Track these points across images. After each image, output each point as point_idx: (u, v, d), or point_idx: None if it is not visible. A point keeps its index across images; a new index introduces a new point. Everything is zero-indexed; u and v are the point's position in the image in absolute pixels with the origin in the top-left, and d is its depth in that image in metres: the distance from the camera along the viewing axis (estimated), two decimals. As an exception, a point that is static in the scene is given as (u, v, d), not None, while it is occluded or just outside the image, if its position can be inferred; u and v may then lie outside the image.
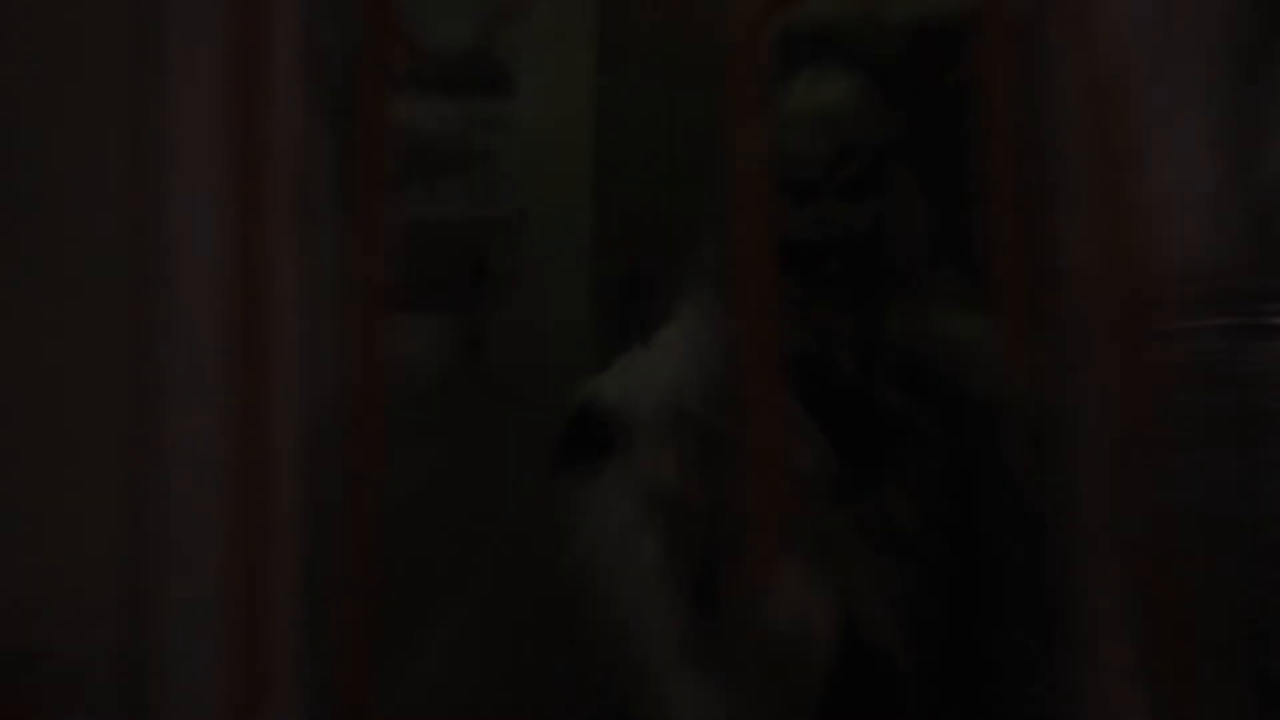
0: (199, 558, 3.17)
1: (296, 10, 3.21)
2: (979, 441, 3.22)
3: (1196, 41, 3.37)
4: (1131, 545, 3.21)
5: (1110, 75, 3.33)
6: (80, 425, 3.19)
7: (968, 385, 3.31)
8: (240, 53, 3.16)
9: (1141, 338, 3.29)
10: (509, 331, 5.03)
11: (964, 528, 3.27)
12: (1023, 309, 3.47)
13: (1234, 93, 3.39)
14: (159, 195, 3.16)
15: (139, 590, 3.17)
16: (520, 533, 4.79)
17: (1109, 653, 3.10)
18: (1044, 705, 2.95)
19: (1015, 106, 3.40)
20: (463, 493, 4.97)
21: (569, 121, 5.08)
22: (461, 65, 4.71)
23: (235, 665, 3.18)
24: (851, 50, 3.66)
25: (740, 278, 3.51)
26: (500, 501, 4.97)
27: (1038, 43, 3.51)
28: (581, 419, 3.28)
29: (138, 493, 3.17)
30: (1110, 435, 3.23)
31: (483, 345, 4.97)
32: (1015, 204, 3.43)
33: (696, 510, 3.25)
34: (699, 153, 3.55)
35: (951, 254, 3.27)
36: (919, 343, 3.35)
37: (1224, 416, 3.30)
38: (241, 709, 3.19)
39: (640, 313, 4.84)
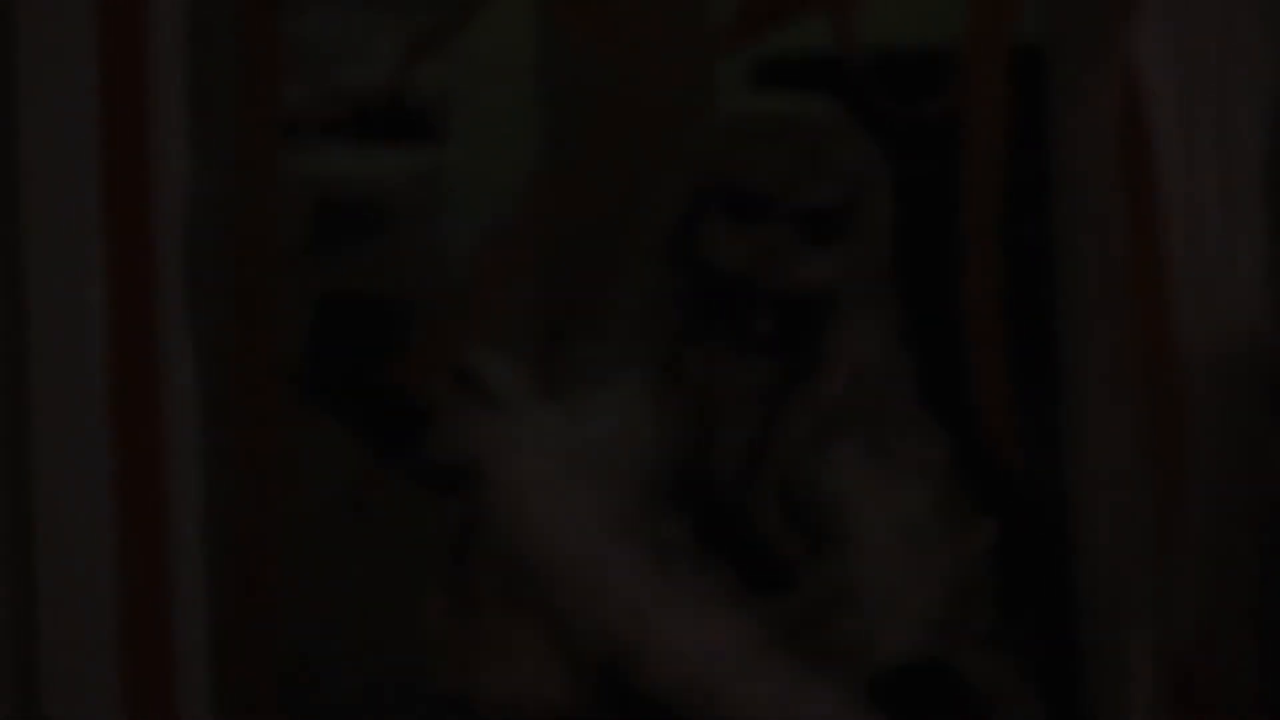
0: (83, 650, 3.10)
1: (177, 67, 3.13)
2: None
3: (1257, 92, 3.44)
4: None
5: (1140, 128, 3.33)
6: None
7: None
8: (119, 88, 3.08)
9: (1174, 422, 3.32)
10: None
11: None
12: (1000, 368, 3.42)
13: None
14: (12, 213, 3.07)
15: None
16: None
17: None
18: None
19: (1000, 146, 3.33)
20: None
21: (505, 174, 4.96)
22: (379, 109, 4.62)
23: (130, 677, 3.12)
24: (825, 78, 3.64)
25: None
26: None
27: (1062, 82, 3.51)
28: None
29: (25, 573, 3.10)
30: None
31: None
32: (996, 257, 3.36)
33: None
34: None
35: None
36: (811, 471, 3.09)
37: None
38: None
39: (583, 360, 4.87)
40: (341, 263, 4.83)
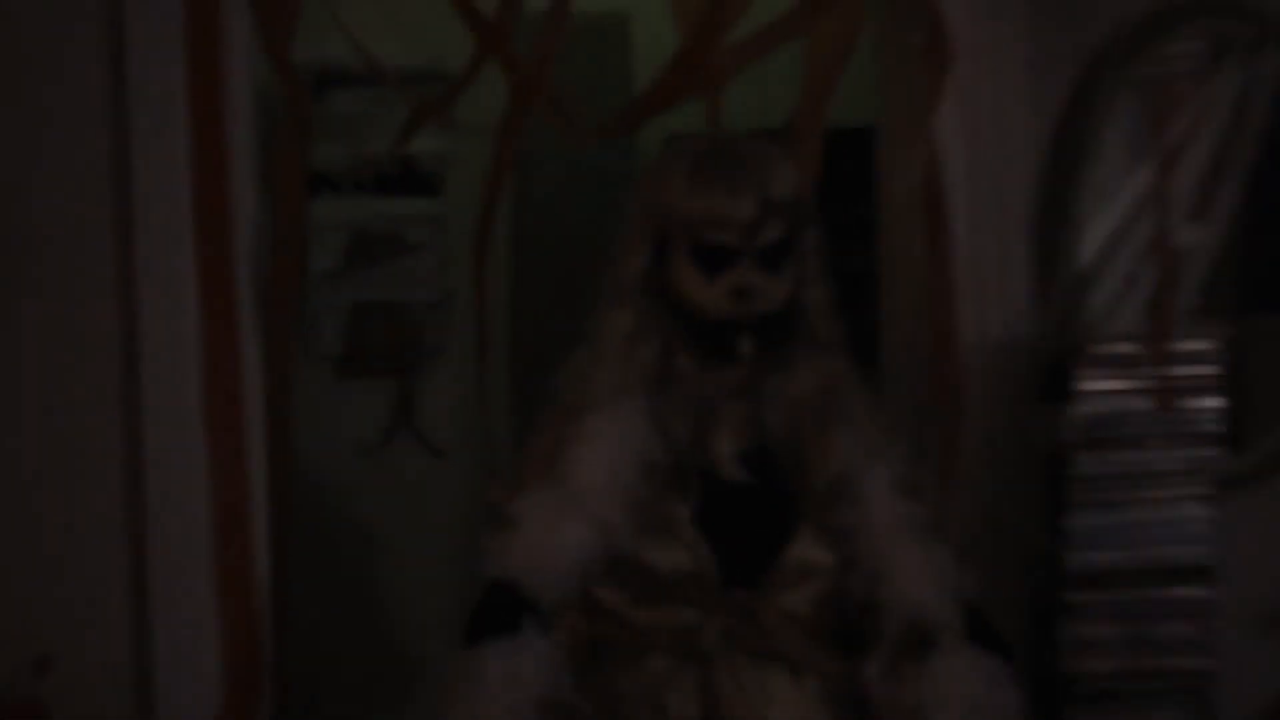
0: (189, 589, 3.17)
1: (249, 130, 3.25)
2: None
3: (1022, 160, 3.55)
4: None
5: (939, 186, 3.43)
6: (63, 474, 3.18)
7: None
8: (204, 150, 3.17)
9: (954, 392, 3.44)
10: (438, 396, 5.03)
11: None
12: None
13: (1048, 202, 3.55)
14: (128, 249, 3.17)
15: (139, 604, 3.18)
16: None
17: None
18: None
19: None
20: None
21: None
22: (393, 170, 4.75)
23: (224, 666, 3.17)
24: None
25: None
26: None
27: (879, 156, 3.63)
28: (490, 598, 2.67)
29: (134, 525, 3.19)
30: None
31: (414, 407, 4.97)
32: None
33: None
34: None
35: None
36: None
37: (1032, 464, 3.46)
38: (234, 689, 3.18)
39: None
40: (369, 279, 4.90)
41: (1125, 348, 3.37)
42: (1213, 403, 3.37)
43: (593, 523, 2.67)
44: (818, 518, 2.71)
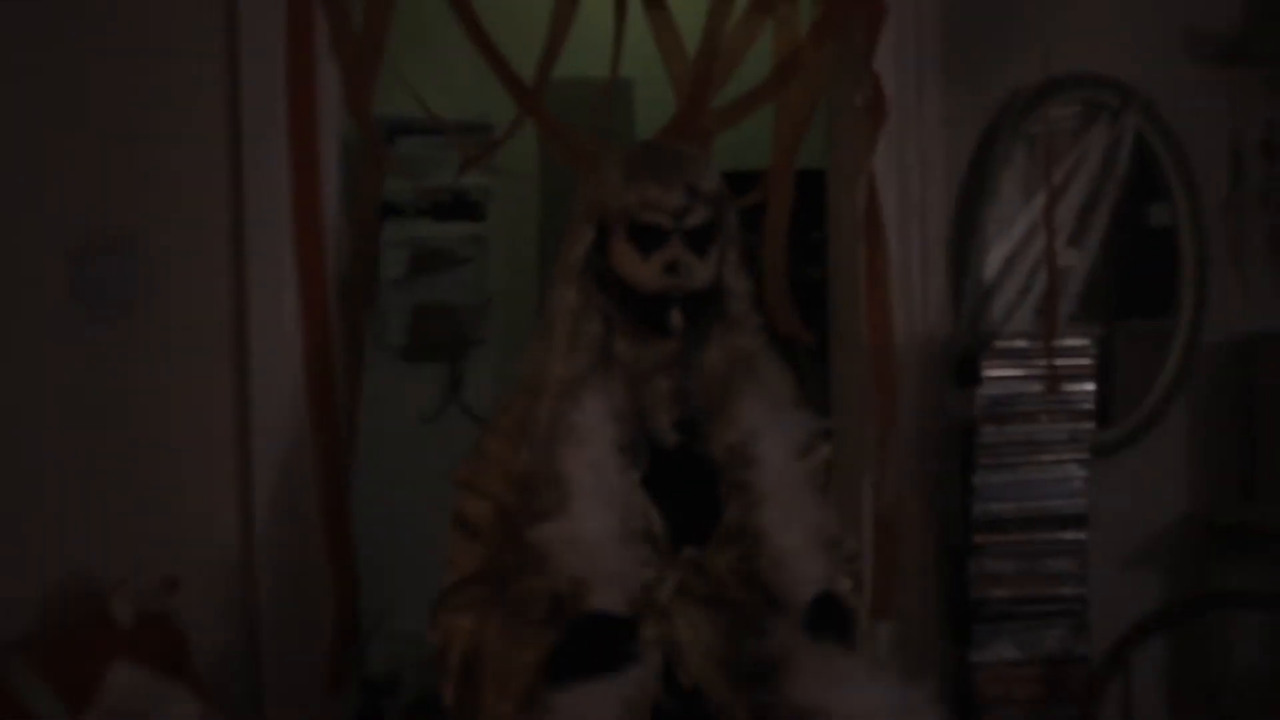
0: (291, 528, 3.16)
1: (336, 173, 3.23)
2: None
3: (941, 195, 3.53)
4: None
5: (876, 214, 3.39)
6: (192, 436, 3.17)
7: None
8: (303, 187, 3.16)
9: (890, 379, 3.40)
10: (482, 378, 5.03)
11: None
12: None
13: (960, 228, 3.53)
14: (240, 262, 3.17)
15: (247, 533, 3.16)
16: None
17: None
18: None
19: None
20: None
21: (522, 239, 5.09)
22: (447, 200, 4.80)
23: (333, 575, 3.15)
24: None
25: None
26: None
27: (830, 191, 3.58)
28: (589, 630, 2.37)
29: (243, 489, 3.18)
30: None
31: (463, 386, 5.00)
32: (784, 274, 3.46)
33: None
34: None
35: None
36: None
37: (948, 433, 3.45)
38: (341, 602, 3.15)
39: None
40: (427, 286, 4.93)
41: (1020, 343, 3.38)
42: (1088, 387, 3.40)
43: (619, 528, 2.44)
44: (726, 478, 2.57)
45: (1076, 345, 3.43)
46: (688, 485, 2.58)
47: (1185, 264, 3.68)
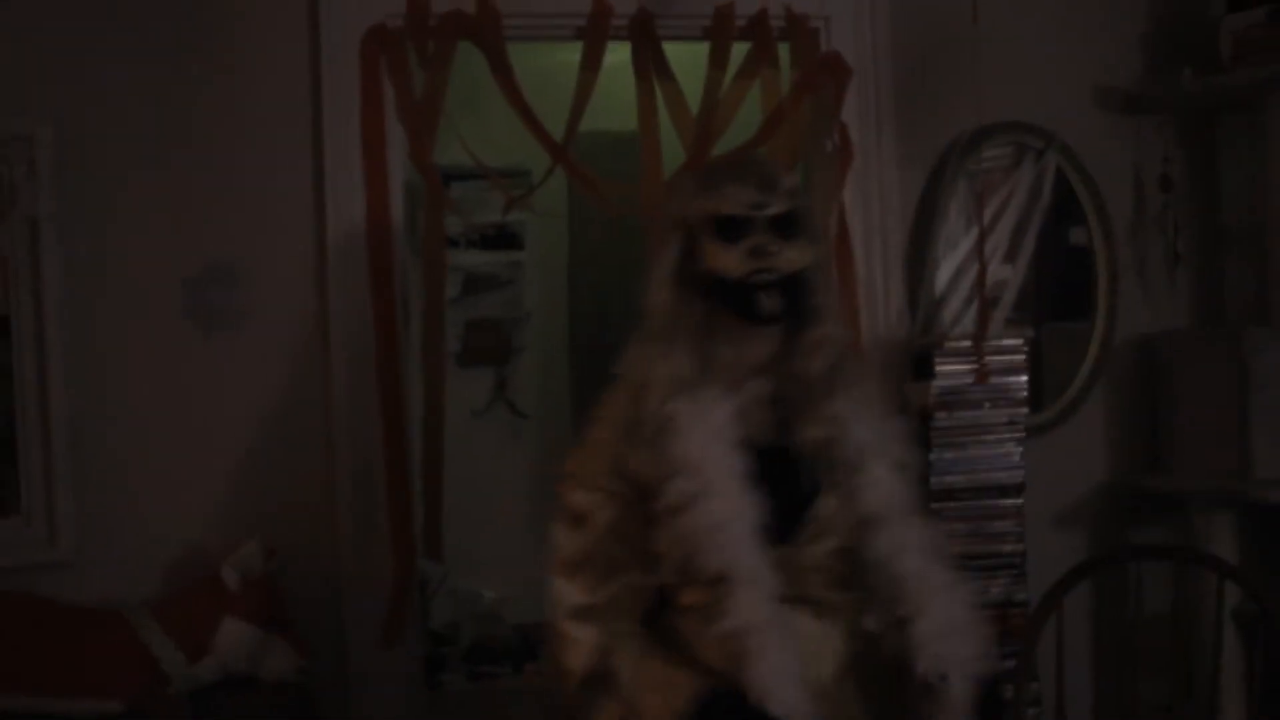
0: (366, 507, 3.15)
1: (401, 212, 3.23)
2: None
3: (898, 221, 3.48)
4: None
5: (846, 237, 3.37)
6: (287, 432, 3.16)
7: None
8: (375, 223, 3.16)
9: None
10: (523, 379, 5.05)
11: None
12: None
13: (915, 248, 3.47)
14: (324, 288, 3.17)
15: (333, 513, 3.16)
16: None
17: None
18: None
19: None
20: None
21: (553, 264, 5.09)
22: (492, 233, 4.80)
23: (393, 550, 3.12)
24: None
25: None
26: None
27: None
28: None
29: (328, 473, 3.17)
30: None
31: (507, 385, 5.01)
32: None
33: None
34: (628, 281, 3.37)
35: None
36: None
37: (907, 419, 3.32)
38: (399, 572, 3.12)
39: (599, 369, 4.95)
40: (477, 304, 4.95)
41: (966, 343, 3.34)
42: (1022, 379, 3.37)
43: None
44: (826, 479, 2.23)
45: (1012, 344, 3.40)
46: (779, 484, 2.20)
47: (1099, 276, 3.66)
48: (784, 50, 3.41)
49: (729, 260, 2.21)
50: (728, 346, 2.25)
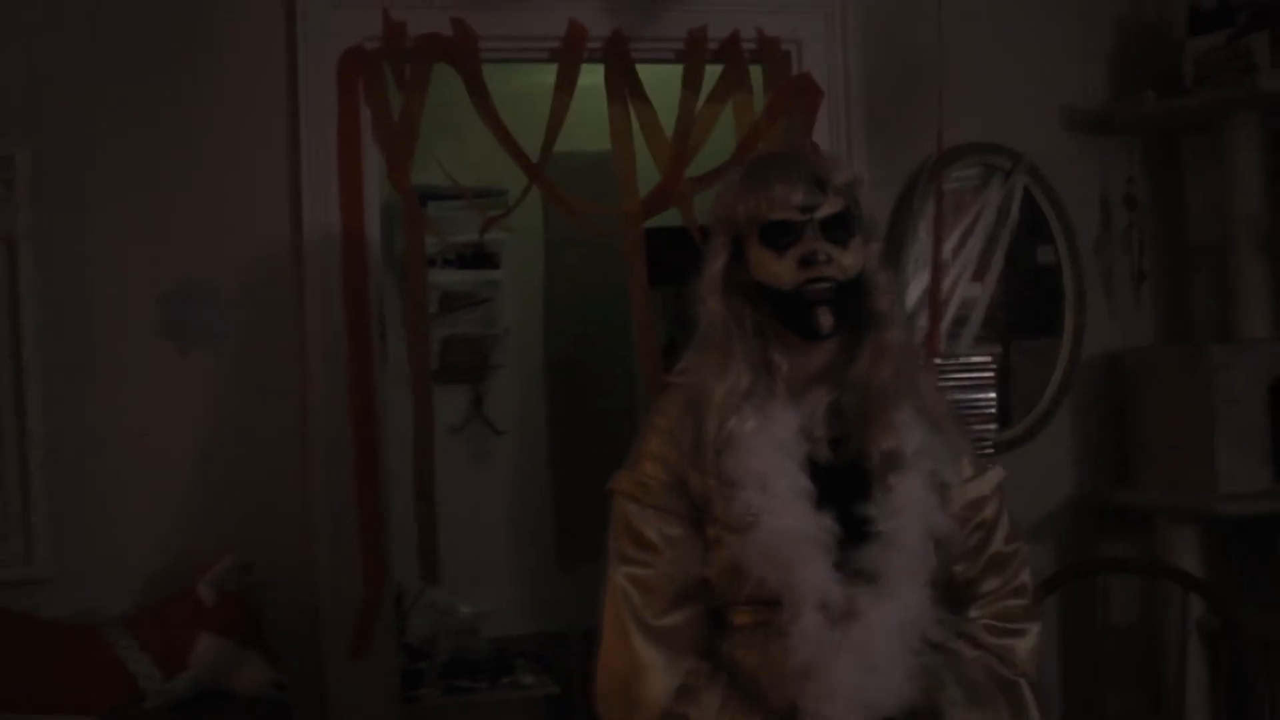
0: (340, 523, 3.13)
1: (377, 232, 3.22)
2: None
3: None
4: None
5: None
6: (262, 448, 3.15)
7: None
8: (351, 242, 3.14)
9: None
10: (499, 396, 5.02)
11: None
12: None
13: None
14: (301, 306, 3.14)
15: (308, 528, 3.14)
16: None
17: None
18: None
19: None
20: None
21: (530, 282, 5.08)
22: (469, 252, 4.76)
23: (363, 566, 3.12)
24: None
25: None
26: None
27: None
28: None
29: (303, 489, 3.15)
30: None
31: (483, 402, 4.99)
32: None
33: None
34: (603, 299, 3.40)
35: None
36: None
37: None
38: (370, 586, 3.11)
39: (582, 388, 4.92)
40: (454, 320, 4.92)
41: (936, 360, 3.29)
42: (990, 395, 3.33)
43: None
44: (878, 488, 2.02)
45: (980, 361, 3.36)
46: (842, 495, 2.01)
47: (1066, 294, 3.68)
48: (756, 72, 3.42)
49: (778, 270, 2.03)
50: (785, 355, 2.07)
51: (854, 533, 2.00)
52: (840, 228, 2.02)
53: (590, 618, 2.19)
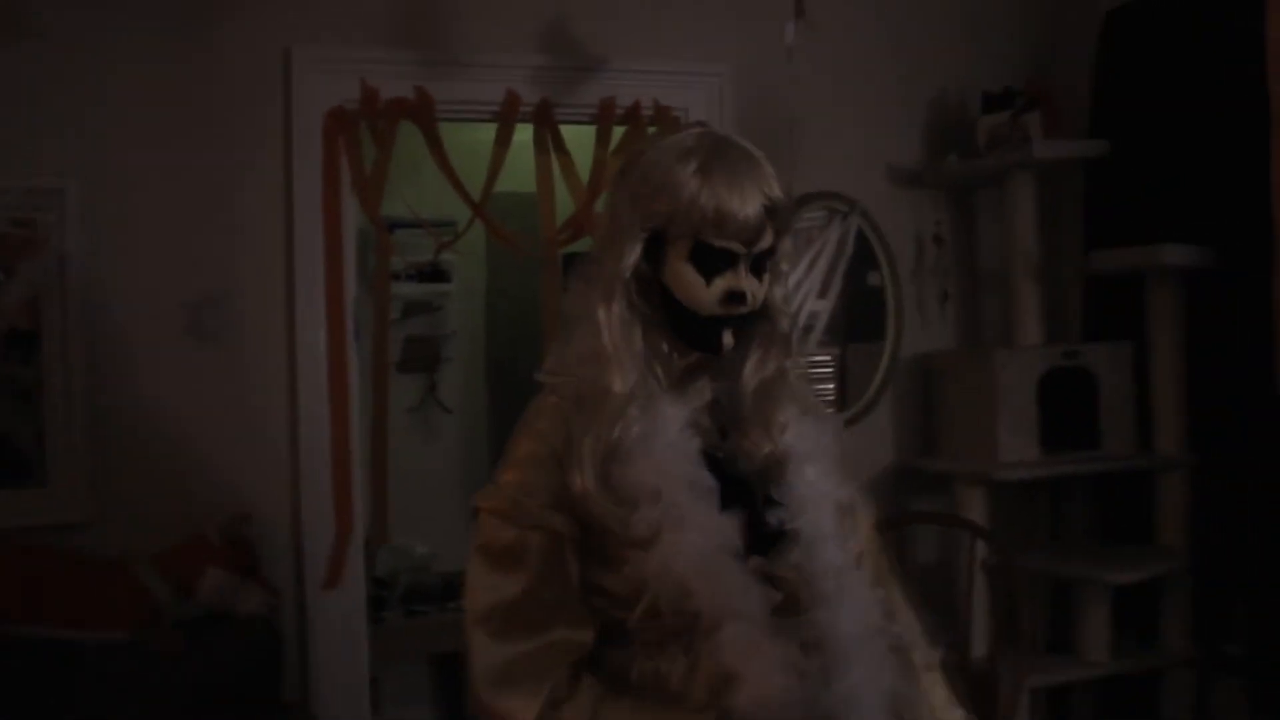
0: (319, 483, 3.12)
1: (353, 253, 3.18)
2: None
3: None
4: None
5: None
6: (260, 424, 3.13)
7: None
8: (331, 262, 3.12)
9: None
10: (449, 383, 4.94)
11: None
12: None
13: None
14: (292, 312, 3.13)
15: (295, 487, 3.13)
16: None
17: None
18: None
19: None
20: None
21: (474, 294, 4.99)
22: (426, 269, 4.68)
23: (336, 517, 3.10)
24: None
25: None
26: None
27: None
28: None
29: (292, 454, 3.13)
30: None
31: (437, 388, 4.90)
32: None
33: None
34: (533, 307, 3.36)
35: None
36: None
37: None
38: (341, 533, 3.09)
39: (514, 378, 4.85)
40: (414, 324, 4.80)
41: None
42: (831, 385, 3.42)
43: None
44: (764, 489, 1.57)
45: (823, 359, 3.47)
46: (734, 493, 1.55)
47: (889, 309, 3.68)
48: (653, 133, 3.36)
49: (699, 295, 1.53)
50: (668, 346, 1.58)
51: (761, 532, 1.55)
52: (765, 260, 1.56)
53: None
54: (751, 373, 1.61)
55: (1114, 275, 3.48)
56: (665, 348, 1.57)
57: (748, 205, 1.50)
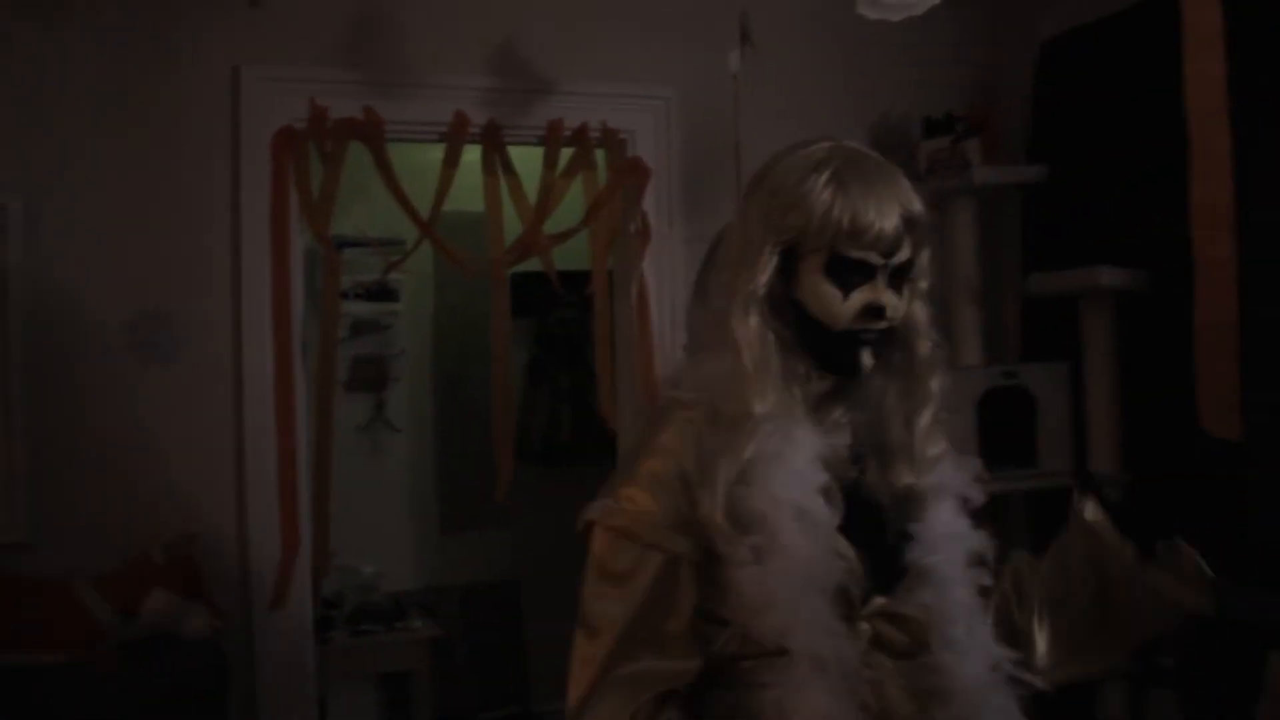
0: (265, 503, 3.10)
1: (300, 272, 3.18)
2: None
3: (683, 285, 3.44)
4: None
5: (645, 298, 3.34)
6: (205, 443, 3.11)
7: None
8: (279, 282, 3.11)
9: (656, 394, 3.27)
10: (397, 402, 4.93)
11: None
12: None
13: (693, 306, 3.27)
14: (238, 331, 3.11)
15: (241, 507, 3.11)
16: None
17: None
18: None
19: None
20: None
21: (422, 313, 4.99)
22: (375, 288, 4.70)
23: (282, 537, 3.09)
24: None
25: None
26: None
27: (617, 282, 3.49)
28: None
29: (238, 474, 3.11)
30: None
31: (384, 407, 4.89)
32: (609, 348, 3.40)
33: None
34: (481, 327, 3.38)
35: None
36: None
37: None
38: (286, 553, 3.08)
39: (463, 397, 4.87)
40: (363, 343, 4.77)
41: None
42: None
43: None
44: (899, 524, 1.49)
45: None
46: (866, 526, 1.47)
47: None
48: (600, 155, 3.44)
49: (836, 310, 1.45)
50: (804, 369, 1.48)
51: (884, 566, 1.46)
52: (904, 274, 1.48)
53: (466, 576, 2.17)
54: (896, 400, 1.52)
55: (1051, 297, 3.50)
56: (802, 370, 1.48)
57: (885, 216, 1.44)
